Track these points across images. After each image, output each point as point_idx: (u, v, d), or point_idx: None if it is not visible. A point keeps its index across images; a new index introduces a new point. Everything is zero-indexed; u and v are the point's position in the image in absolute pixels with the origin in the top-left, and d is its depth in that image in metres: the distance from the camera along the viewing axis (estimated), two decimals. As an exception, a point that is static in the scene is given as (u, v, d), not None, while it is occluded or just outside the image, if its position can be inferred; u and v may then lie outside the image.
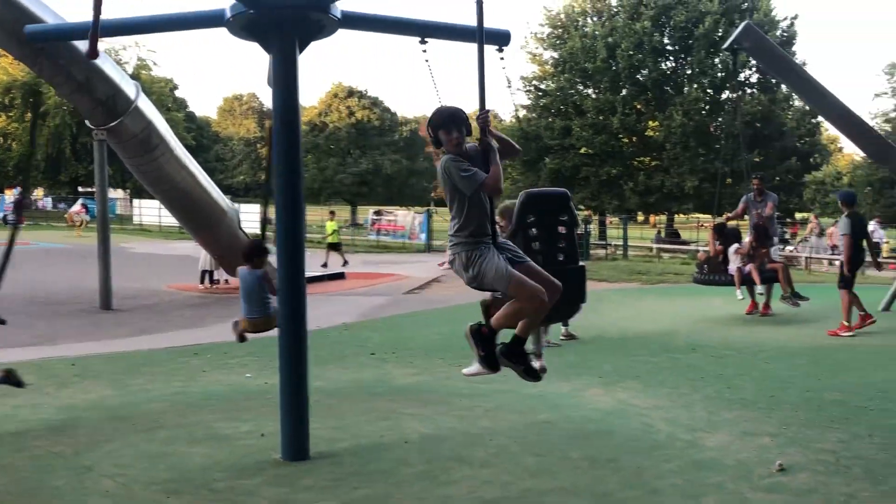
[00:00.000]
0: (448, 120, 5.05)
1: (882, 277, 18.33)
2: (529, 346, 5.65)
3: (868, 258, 13.61)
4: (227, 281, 19.64)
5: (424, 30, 7.03)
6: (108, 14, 5.95)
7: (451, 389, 8.62)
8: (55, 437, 6.74)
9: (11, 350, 10.79)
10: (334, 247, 25.39)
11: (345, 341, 11.71)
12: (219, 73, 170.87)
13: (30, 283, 17.45)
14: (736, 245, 13.76)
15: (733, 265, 13.56)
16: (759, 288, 13.94)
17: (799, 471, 5.99)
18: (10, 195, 56.68)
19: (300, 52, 6.42)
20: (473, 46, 5.18)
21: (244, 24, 6.36)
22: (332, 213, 27.99)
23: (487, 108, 5.02)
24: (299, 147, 6.42)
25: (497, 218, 5.36)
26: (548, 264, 5.85)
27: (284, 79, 6.33)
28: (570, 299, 6.29)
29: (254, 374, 9.45)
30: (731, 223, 14.72)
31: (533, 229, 6.58)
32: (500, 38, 7.08)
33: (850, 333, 12.24)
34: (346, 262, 24.40)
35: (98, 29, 5.98)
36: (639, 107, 44.28)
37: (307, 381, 6.42)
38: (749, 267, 13.33)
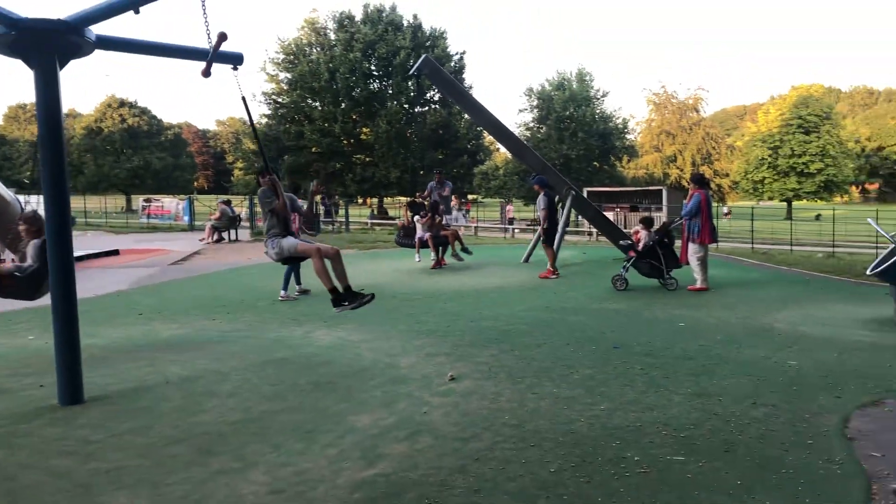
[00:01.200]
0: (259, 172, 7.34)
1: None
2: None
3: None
4: (13, 260, 17.65)
5: (166, 51, 6.63)
6: None
7: (207, 337, 8.28)
8: None
9: None
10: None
11: (118, 305, 10.88)
12: (3, 85, 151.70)
13: None
14: (418, 217, 14.28)
15: (420, 231, 14.04)
16: (433, 256, 14.37)
17: (464, 379, 6.30)
18: None
19: (61, 68, 5.81)
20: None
21: (9, 44, 5.67)
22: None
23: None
24: (63, 148, 5.83)
25: None
26: None
27: (46, 91, 5.71)
28: None
29: (36, 336, 8.57)
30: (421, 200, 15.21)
31: None
32: (235, 59, 6.84)
33: (554, 276, 13.09)
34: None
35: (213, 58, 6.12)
36: (354, 117, 44.47)
37: (78, 336, 5.90)
38: (427, 235, 13.87)
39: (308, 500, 3.94)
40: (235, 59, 6.89)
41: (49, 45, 5.70)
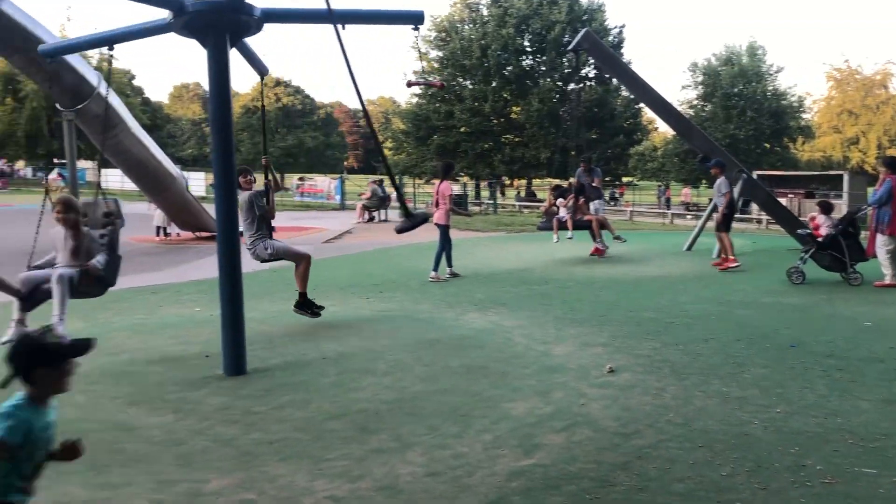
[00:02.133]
0: (241, 171, 7.88)
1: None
2: None
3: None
4: (178, 234, 19.07)
5: (340, 18, 6.84)
6: (77, 31, 5.62)
7: (360, 317, 8.58)
8: None
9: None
10: None
11: (275, 281, 11.50)
12: (170, 65, 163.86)
13: (13, 238, 16.53)
14: (561, 199, 14.05)
15: (562, 213, 13.79)
16: (571, 234, 13.88)
17: (623, 371, 6.17)
18: (-4, 165, 53.68)
19: (231, 46, 6.17)
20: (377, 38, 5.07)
21: (184, 25, 6.07)
22: None
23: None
24: (231, 124, 6.20)
25: None
26: None
27: (218, 69, 6.08)
28: None
29: (202, 308, 9.20)
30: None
31: None
32: (416, 18, 6.75)
33: (736, 264, 12.53)
34: None
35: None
36: (505, 95, 44.43)
37: (242, 310, 6.27)
38: (566, 216, 13.62)
39: (464, 486, 3.99)
40: (416, 19, 6.79)
41: (221, 25, 6.05)
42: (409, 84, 11.06)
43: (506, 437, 4.69)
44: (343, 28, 6.53)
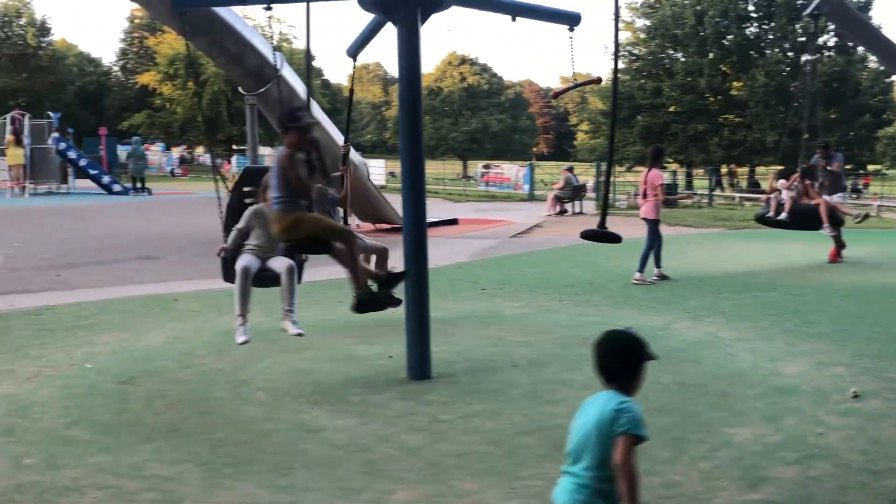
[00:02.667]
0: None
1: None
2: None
3: None
4: (358, 226, 19.95)
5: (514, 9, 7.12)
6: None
7: (553, 320, 8.60)
8: (217, 355, 6.99)
9: (181, 282, 11.25)
10: None
11: (459, 278, 11.77)
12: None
13: (195, 226, 18.04)
14: (783, 181, 13.09)
15: (784, 195, 12.86)
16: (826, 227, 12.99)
17: (871, 397, 5.78)
18: (177, 152, 58.71)
19: (422, 23, 6.38)
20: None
21: (374, 1, 6.36)
22: None
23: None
24: (421, 107, 6.41)
25: None
26: None
27: (408, 47, 6.30)
28: None
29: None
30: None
31: None
32: (572, 19, 7.12)
33: None
34: None
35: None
36: (724, 69, 42.77)
37: (428, 310, 6.48)
38: (787, 199, 12.63)
39: (678, 519, 3.91)
40: (572, 20, 7.11)
41: (412, 0, 6.26)
42: (556, 95, 10.70)
43: (727, 466, 4.54)
44: (514, 20, 7.02)
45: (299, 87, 15.51)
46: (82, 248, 15.42)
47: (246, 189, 7.07)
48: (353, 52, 7.77)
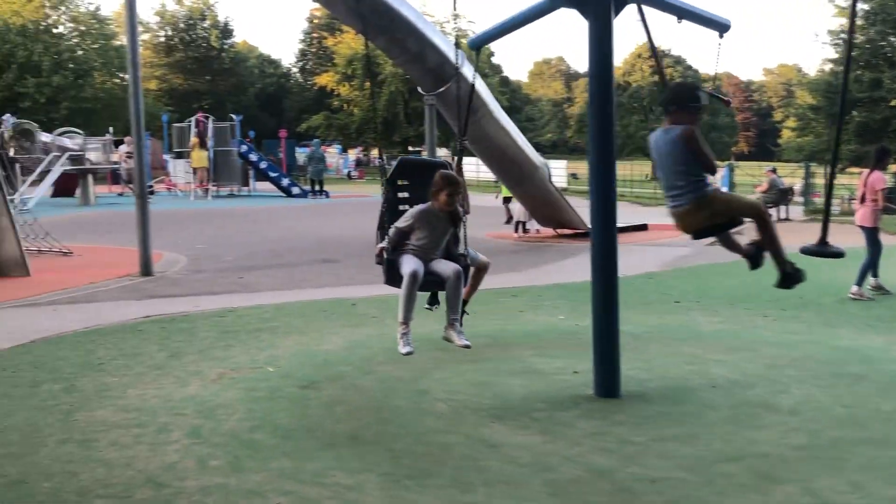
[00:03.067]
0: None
1: None
2: None
3: None
4: (538, 231, 20.03)
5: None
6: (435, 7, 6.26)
7: (756, 338, 8.30)
8: (396, 363, 7.18)
9: (359, 287, 11.67)
10: (509, 200, 21.78)
11: (649, 289, 11.57)
12: (529, 40, 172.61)
13: (371, 230, 18.62)
14: None
15: None
16: None
17: None
18: (353, 154, 60.99)
19: (615, 15, 6.33)
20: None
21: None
22: None
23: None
24: (612, 104, 6.35)
25: None
26: None
27: (600, 42, 6.26)
28: None
29: (566, 316, 9.57)
30: None
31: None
32: (721, 27, 7.57)
33: None
34: (509, 220, 21.31)
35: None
36: (958, 56, 39.78)
37: (618, 324, 6.41)
38: None
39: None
40: (722, 27, 7.56)
41: (607, -9, 6.23)
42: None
43: (964, 510, 4.23)
44: (679, 21, 7.40)
45: (480, 85, 15.73)
46: (262, 251, 16.33)
47: (400, 182, 7.20)
48: (478, 44, 8.48)
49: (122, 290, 11.73)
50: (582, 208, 19.43)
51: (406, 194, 7.15)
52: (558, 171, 34.67)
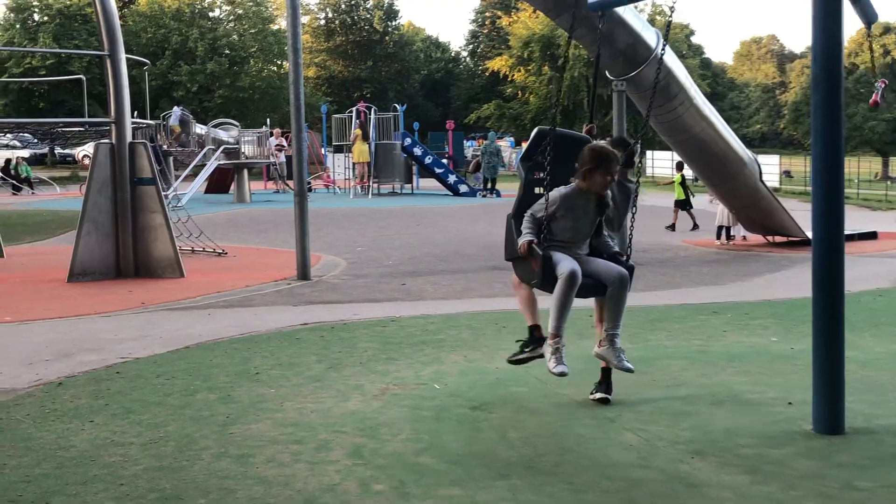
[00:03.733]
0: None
1: None
2: None
3: None
4: (745, 237, 19.49)
5: None
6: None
7: None
8: (577, 385, 7.15)
9: (495, 300, 11.60)
10: (681, 204, 22.81)
11: (880, 308, 11.05)
12: (736, 16, 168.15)
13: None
14: None
15: None
16: None
17: None
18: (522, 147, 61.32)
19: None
20: None
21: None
22: (680, 164, 23.60)
23: None
24: (841, 90, 6.11)
25: None
26: None
27: (826, 18, 6.05)
28: None
29: (779, 338, 9.28)
30: None
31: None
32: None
33: None
34: (695, 226, 21.82)
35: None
36: None
37: (843, 349, 6.15)
38: None
39: None
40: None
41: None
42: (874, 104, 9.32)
43: None
44: None
45: (678, 69, 15.50)
46: (427, 255, 16.67)
47: (540, 159, 6.41)
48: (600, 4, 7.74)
49: (278, 295, 12.26)
50: (798, 212, 18.84)
51: (542, 174, 6.37)
52: (770, 168, 33.60)
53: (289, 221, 13.82)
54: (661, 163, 44.36)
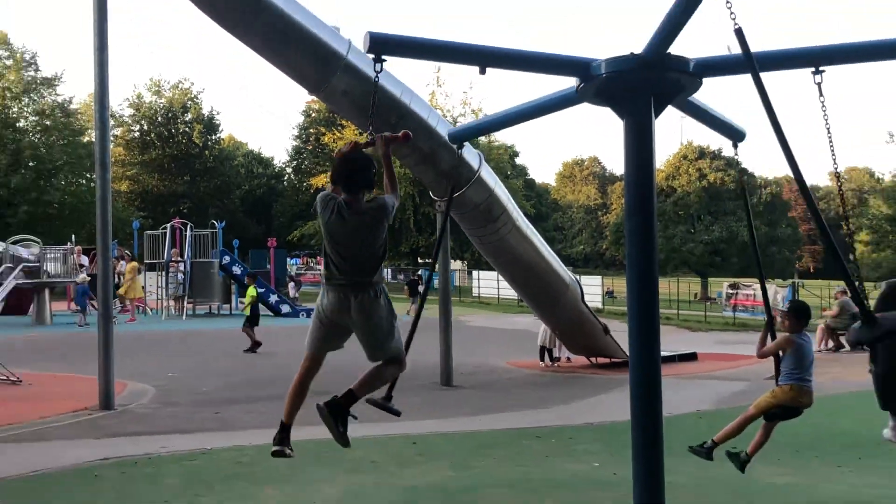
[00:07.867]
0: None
1: None
2: None
3: None
4: (568, 359, 19.89)
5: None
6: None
7: (830, 494, 8.16)
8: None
9: (364, 425, 11.52)
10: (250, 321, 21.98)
11: (701, 432, 11.35)
12: (559, 138, 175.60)
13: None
14: None
15: None
16: None
17: None
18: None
19: (656, 115, 6.43)
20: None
21: (596, 93, 6.49)
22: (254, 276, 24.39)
23: None
24: (654, 219, 6.39)
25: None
26: None
27: (638, 146, 6.34)
28: None
29: (601, 463, 9.43)
30: None
31: None
32: (736, 135, 8.16)
33: None
34: (256, 344, 21.37)
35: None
36: None
37: (662, 474, 6.29)
38: None
39: None
40: (736, 135, 8.17)
41: (641, 88, 6.34)
42: None
43: None
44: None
45: (500, 191, 15.93)
46: (245, 381, 16.28)
47: None
48: (459, 138, 8.84)
49: (77, 427, 11.66)
50: (620, 332, 19.41)
51: None
52: (593, 289, 34.75)
53: (95, 345, 13.24)
54: (486, 283, 45.19)
